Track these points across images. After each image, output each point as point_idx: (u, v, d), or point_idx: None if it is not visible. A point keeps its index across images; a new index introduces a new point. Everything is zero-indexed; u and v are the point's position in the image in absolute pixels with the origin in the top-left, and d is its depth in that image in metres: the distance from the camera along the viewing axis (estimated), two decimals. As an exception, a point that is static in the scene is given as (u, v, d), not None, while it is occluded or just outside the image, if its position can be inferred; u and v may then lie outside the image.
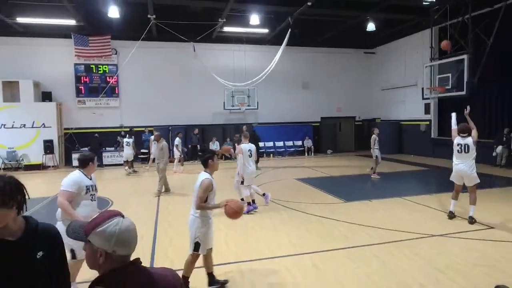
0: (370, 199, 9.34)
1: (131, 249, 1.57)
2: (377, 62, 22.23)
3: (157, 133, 11.02)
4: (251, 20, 15.56)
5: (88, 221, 1.60)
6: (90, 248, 1.54)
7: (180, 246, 6.12)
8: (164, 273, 1.67)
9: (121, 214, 1.60)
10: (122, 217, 1.58)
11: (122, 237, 1.53)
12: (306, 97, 21.38)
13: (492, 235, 6.35)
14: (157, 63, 19.00)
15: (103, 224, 1.53)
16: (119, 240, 1.52)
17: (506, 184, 11.22)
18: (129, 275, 1.52)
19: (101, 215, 1.58)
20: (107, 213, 1.59)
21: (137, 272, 1.56)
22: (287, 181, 12.36)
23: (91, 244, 1.53)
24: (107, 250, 1.51)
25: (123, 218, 1.58)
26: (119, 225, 1.54)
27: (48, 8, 14.66)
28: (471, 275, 4.80)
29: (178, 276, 1.74)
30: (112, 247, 1.51)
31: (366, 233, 6.65)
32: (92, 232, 1.52)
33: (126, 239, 1.55)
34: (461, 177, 7.30)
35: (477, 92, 15.36)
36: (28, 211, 6.66)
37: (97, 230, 1.52)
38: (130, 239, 1.56)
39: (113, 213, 1.60)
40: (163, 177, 10.48)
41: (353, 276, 4.84)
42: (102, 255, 1.51)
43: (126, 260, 1.55)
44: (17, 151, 16.32)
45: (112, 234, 1.51)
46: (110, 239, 1.51)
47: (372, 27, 16.79)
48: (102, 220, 1.55)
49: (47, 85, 17.60)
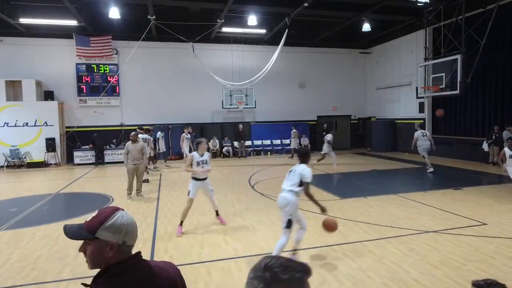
0: (365, 196, 9.46)
1: (135, 239, 1.64)
2: (373, 62, 22.52)
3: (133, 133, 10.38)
4: (249, 21, 15.87)
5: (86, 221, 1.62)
6: (97, 245, 1.55)
7: (180, 242, 6.36)
8: (163, 266, 1.72)
9: (120, 208, 1.66)
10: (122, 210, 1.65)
11: (130, 228, 1.60)
12: (303, 96, 21.68)
13: (485, 231, 6.45)
14: (157, 63, 19.28)
15: (111, 218, 1.57)
16: (128, 231, 1.59)
17: (498, 181, 11.25)
18: (133, 266, 1.58)
19: (103, 212, 1.61)
20: (109, 209, 1.63)
21: (140, 263, 1.61)
22: (284, 179, 12.59)
23: (99, 241, 1.54)
24: (118, 242, 1.56)
25: (123, 211, 1.65)
26: (125, 218, 1.60)
27: (50, 9, 14.95)
28: (464, 270, 4.87)
29: (177, 269, 1.78)
30: (122, 238, 1.57)
31: (361, 229, 6.77)
32: (101, 228, 1.55)
33: (133, 230, 1.62)
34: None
35: (470, 92, 15.75)
36: (31, 208, 7.01)
37: (106, 224, 1.55)
38: (135, 230, 1.64)
39: (115, 208, 1.64)
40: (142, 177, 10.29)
41: (348, 272, 4.92)
42: (113, 248, 1.55)
43: (130, 251, 1.61)
44: (20, 149, 16.59)
45: (122, 226, 1.57)
46: (121, 231, 1.56)
47: (367, 27, 17.11)
48: (107, 215, 1.58)
49: (49, 85, 17.90)
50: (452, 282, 4.57)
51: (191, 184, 6.91)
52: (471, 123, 16.62)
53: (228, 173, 14.12)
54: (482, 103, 16.00)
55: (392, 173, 13.85)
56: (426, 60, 16.47)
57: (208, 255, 5.72)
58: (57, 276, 5.03)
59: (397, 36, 19.78)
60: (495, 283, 1.40)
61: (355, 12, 16.14)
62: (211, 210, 8.51)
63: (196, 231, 6.98)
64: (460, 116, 17.13)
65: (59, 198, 10.58)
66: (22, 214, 8.39)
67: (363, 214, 7.85)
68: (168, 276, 1.67)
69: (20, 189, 11.66)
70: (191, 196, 6.84)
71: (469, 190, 10.03)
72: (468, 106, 16.63)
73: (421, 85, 16.60)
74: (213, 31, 17.55)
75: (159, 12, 15.34)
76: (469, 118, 16.72)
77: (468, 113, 16.71)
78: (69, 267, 5.27)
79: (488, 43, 14.03)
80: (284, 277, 1.09)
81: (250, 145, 20.39)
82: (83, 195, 10.83)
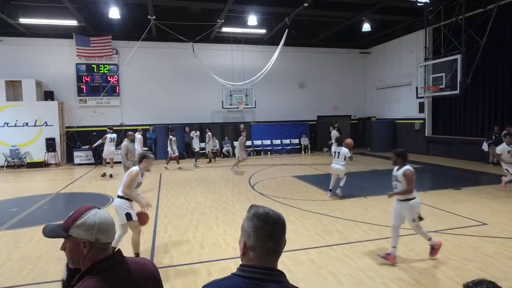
0: (365, 196, 9.49)
1: (112, 236, 1.68)
2: (373, 62, 22.52)
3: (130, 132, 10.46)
4: (249, 21, 15.87)
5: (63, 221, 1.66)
6: (72, 242, 1.60)
7: (180, 242, 6.36)
8: (143, 262, 1.80)
9: (96, 207, 1.70)
10: (98, 209, 1.68)
11: (103, 225, 1.62)
12: (303, 96, 21.69)
13: (485, 231, 6.46)
14: (157, 63, 19.29)
15: (83, 216, 1.61)
16: (101, 228, 1.61)
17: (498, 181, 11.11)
18: (116, 263, 1.62)
19: (77, 210, 1.65)
20: (84, 207, 1.67)
21: (123, 260, 1.66)
22: (284, 178, 12.62)
23: (73, 239, 1.59)
24: (90, 239, 1.59)
25: (99, 209, 1.68)
26: (98, 215, 1.63)
27: (50, 9, 14.95)
28: (464, 270, 4.87)
29: (155, 265, 1.85)
30: (95, 235, 1.59)
31: (361, 229, 6.78)
32: (73, 226, 1.59)
33: (107, 227, 1.64)
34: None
35: (470, 92, 15.75)
36: (31, 208, 7.01)
37: (77, 222, 1.59)
38: (110, 227, 1.66)
39: (89, 207, 1.68)
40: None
41: (348, 272, 4.93)
42: (86, 245, 1.58)
43: (108, 248, 1.65)
44: (20, 149, 16.60)
45: (93, 224, 1.60)
46: (92, 228, 1.59)
47: (367, 27, 17.12)
48: (80, 213, 1.63)
49: (49, 85, 17.92)
50: (452, 282, 4.57)
51: (125, 206, 5.35)
52: (471, 123, 16.62)
53: (228, 173, 14.13)
54: (482, 103, 16.00)
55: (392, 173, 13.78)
56: (426, 60, 16.49)
57: (208, 255, 5.72)
58: (57, 276, 5.02)
59: (397, 36, 19.79)
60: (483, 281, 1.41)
61: (355, 12, 16.14)
62: (211, 210, 8.56)
63: (196, 231, 6.97)
64: (460, 116, 17.12)
65: (59, 198, 10.58)
66: (22, 214, 8.39)
67: (363, 214, 7.86)
68: (149, 270, 1.76)
69: (20, 189, 11.66)
70: (135, 219, 5.36)
71: (469, 190, 10.04)
72: (468, 106, 16.63)
73: (421, 85, 16.60)
74: (213, 31, 17.56)
75: (159, 12, 15.34)
76: (469, 118, 16.71)
77: (468, 113, 16.71)
78: (69, 267, 5.24)
79: (488, 43, 14.05)
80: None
81: (250, 145, 20.39)
82: (83, 195, 10.82)
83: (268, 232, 1.44)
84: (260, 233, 1.43)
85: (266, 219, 1.45)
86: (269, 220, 1.45)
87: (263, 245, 1.43)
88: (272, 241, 1.44)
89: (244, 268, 1.43)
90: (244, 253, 1.47)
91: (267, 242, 1.43)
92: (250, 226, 1.45)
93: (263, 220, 1.45)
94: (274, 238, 1.45)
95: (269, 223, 1.45)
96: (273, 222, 1.46)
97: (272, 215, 1.47)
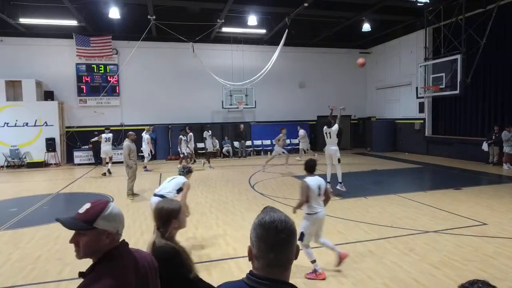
0: (365, 196, 9.50)
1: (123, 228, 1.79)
2: (373, 62, 22.46)
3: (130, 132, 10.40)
4: (249, 21, 15.88)
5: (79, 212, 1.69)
6: (94, 234, 1.63)
7: (179, 241, 6.38)
8: (144, 253, 1.91)
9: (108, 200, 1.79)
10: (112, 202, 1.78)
11: (122, 217, 1.75)
12: (303, 96, 21.67)
13: (485, 231, 6.47)
14: (157, 63, 19.28)
15: (107, 209, 1.68)
16: (121, 219, 1.74)
17: (498, 181, 11.31)
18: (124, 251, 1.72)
19: (97, 203, 1.71)
20: (102, 201, 1.74)
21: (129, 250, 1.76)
22: (284, 178, 12.64)
23: (97, 230, 1.63)
24: (113, 230, 1.68)
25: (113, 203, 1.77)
26: (117, 208, 1.74)
27: (50, 9, 14.95)
28: (464, 270, 4.88)
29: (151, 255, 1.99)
30: (117, 226, 1.70)
31: (361, 229, 6.79)
32: (99, 218, 1.64)
33: (123, 219, 1.76)
34: None
35: (470, 92, 15.74)
36: (31, 208, 7.00)
37: (104, 214, 1.66)
38: (123, 219, 1.78)
39: (106, 200, 1.77)
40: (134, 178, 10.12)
41: (348, 271, 4.95)
42: (109, 236, 1.66)
43: (119, 239, 1.74)
44: (20, 149, 16.59)
45: (117, 215, 1.71)
46: (115, 220, 1.69)
47: (367, 27, 17.12)
48: (102, 206, 1.69)
49: (49, 85, 17.91)
50: (452, 282, 4.57)
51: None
52: (471, 123, 16.61)
53: (228, 173, 14.13)
54: (482, 103, 15.99)
55: (392, 173, 13.85)
56: (426, 60, 16.49)
57: (208, 255, 5.72)
58: (57, 276, 5.03)
59: (397, 36, 19.78)
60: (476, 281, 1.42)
61: (355, 12, 16.14)
62: (211, 210, 8.57)
63: (196, 231, 6.97)
64: (460, 116, 17.12)
65: (59, 198, 10.58)
66: (22, 214, 8.39)
67: (363, 214, 7.87)
68: (151, 260, 1.90)
69: (20, 189, 11.66)
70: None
71: (469, 190, 10.03)
72: (468, 106, 16.62)
73: (421, 85, 16.59)
74: (213, 31, 17.56)
75: (159, 12, 15.35)
76: (469, 118, 16.71)
77: (468, 113, 16.70)
78: (69, 267, 5.26)
79: (488, 43, 14.04)
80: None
81: (250, 145, 20.38)
82: (83, 195, 10.81)
83: (268, 244, 1.35)
84: (261, 244, 1.36)
85: (269, 229, 1.36)
86: (271, 231, 1.36)
87: (264, 256, 1.36)
88: (273, 253, 1.35)
89: (250, 277, 1.39)
90: (250, 258, 1.43)
91: (268, 254, 1.35)
92: (253, 235, 1.39)
93: (265, 230, 1.36)
94: (274, 251, 1.35)
95: (271, 234, 1.35)
96: (276, 233, 1.35)
97: (277, 224, 1.36)
